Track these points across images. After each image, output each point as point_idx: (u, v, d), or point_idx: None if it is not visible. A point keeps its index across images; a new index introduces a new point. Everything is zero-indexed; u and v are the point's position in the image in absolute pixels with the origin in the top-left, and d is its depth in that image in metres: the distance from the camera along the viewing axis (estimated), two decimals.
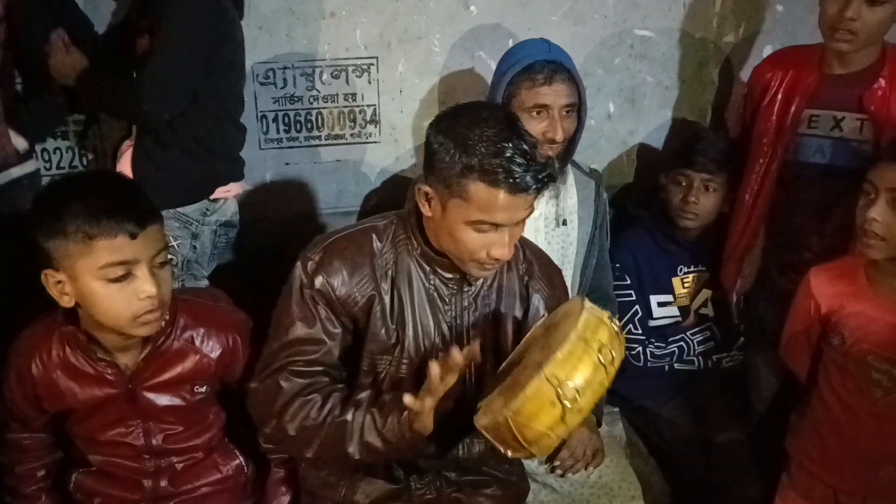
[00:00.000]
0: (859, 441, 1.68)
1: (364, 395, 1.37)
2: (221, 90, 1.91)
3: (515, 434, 1.16)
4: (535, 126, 1.72)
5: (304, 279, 1.38)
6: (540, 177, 1.26)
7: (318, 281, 1.36)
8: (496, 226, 1.29)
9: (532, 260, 1.52)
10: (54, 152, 2.13)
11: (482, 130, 1.26)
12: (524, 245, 1.53)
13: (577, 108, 1.78)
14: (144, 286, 1.29)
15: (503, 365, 1.39)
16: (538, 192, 1.28)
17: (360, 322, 1.40)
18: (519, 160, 1.24)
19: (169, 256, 1.83)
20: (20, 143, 1.86)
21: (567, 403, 1.12)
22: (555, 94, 1.72)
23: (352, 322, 1.40)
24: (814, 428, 1.77)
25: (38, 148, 2.03)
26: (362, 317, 1.39)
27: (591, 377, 1.14)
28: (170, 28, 1.75)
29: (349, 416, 1.33)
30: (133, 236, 1.27)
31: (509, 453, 1.21)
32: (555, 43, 1.81)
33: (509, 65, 1.76)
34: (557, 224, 1.88)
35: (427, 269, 1.41)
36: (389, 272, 1.40)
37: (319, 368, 1.38)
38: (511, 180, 1.24)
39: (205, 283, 2.03)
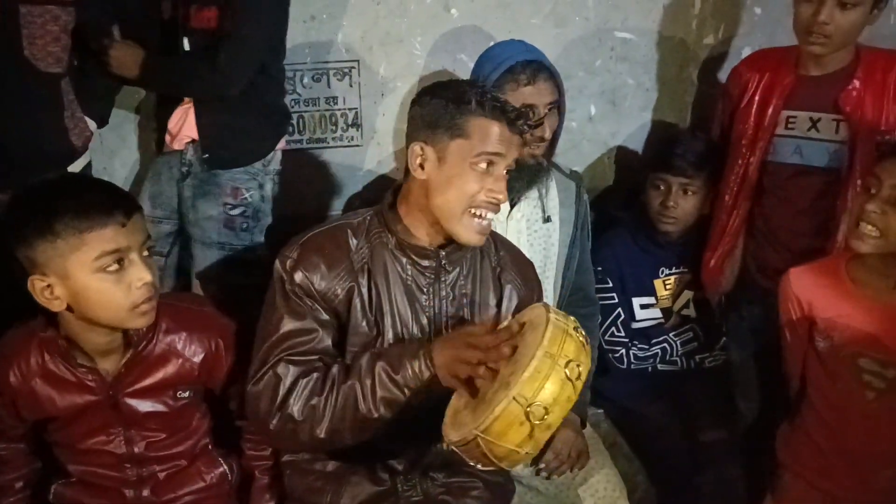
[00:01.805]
0: (855, 445, 1.67)
1: (364, 358, 1.37)
2: (282, 57, 2.00)
3: (485, 451, 1.17)
4: None
5: (284, 276, 1.39)
6: (527, 119, 1.41)
7: (298, 276, 1.38)
8: (494, 161, 1.37)
9: (504, 253, 1.54)
10: None
11: (470, 87, 1.41)
12: (496, 238, 1.56)
13: (557, 105, 1.79)
14: (140, 273, 1.31)
15: None
16: (524, 133, 1.42)
17: (342, 316, 1.42)
18: (507, 103, 1.40)
19: (242, 209, 1.95)
20: (92, 125, 1.93)
21: (536, 422, 1.14)
22: (539, 94, 1.74)
23: (334, 317, 1.41)
24: (806, 435, 1.76)
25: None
26: (343, 311, 1.41)
27: (559, 394, 1.15)
28: (252, 4, 1.81)
29: (355, 379, 1.33)
30: (123, 225, 1.29)
31: (479, 466, 1.22)
32: (529, 43, 1.84)
33: (490, 68, 1.77)
34: (544, 220, 1.89)
35: (403, 260, 1.43)
36: (366, 266, 1.42)
37: (314, 357, 1.38)
38: (506, 114, 1.37)
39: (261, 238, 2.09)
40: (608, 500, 1.78)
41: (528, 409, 1.13)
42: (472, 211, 1.37)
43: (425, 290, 1.44)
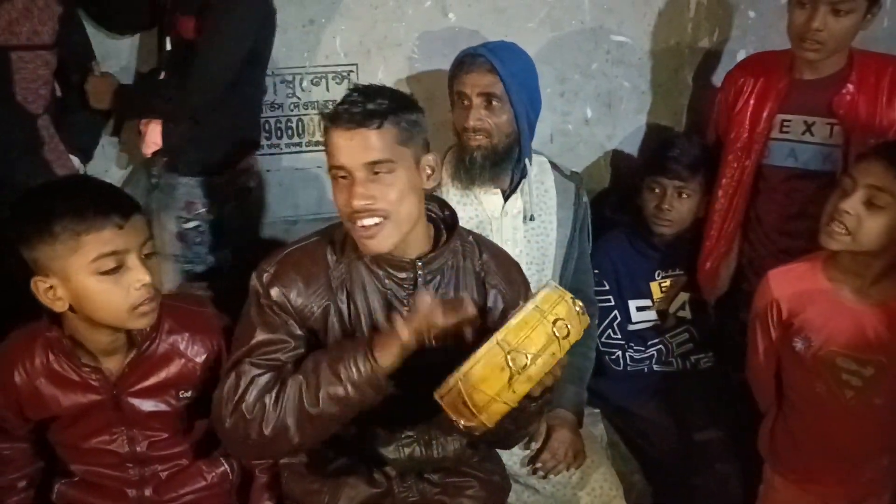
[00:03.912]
0: (840, 443, 1.68)
1: (312, 354, 1.34)
2: (261, 80, 2.00)
3: (465, 398, 1.15)
4: (460, 114, 1.79)
5: (260, 290, 1.38)
6: (362, 106, 1.28)
7: (275, 292, 1.36)
8: (346, 172, 1.31)
9: (487, 257, 1.50)
10: None
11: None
12: (480, 243, 1.52)
13: (511, 103, 1.78)
14: (138, 275, 1.31)
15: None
16: (356, 121, 1.28)
17: (319, 333, 1.40)
18: (352, 98, 1.30)
19: (196, 223, 1.92)
20: (75, 161, 1.95)
21: (515, 368, 1.13)
22: (471, 82, 1.76)
23: (309, 333, 1.40)
24: (790, 437, 1.77)
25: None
26: (319, 328, 1.39)
27: (543, 347, 1.14)
28: (222, 19, 1.80)
29: (301, 375, 1.30)
30: (120, 227, 1.29)
31: (462, 423, 1.19)
32: (510, 42, 1.89)
33: None
34: (524, 220, 1.89)
35: (380, 273, 1.40)
36: (344, 282, 1.39)
37: (279, 363, 1.35)
38: (336, 115, 1.30)
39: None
40: (605, 498, 1.80)
41: (510, 354, 1.13)
42: (354, 224, 1.33)
43: (405, 301, 1.39)
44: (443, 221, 1.49)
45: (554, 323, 1.16)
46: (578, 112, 2.42)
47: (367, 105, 1.29)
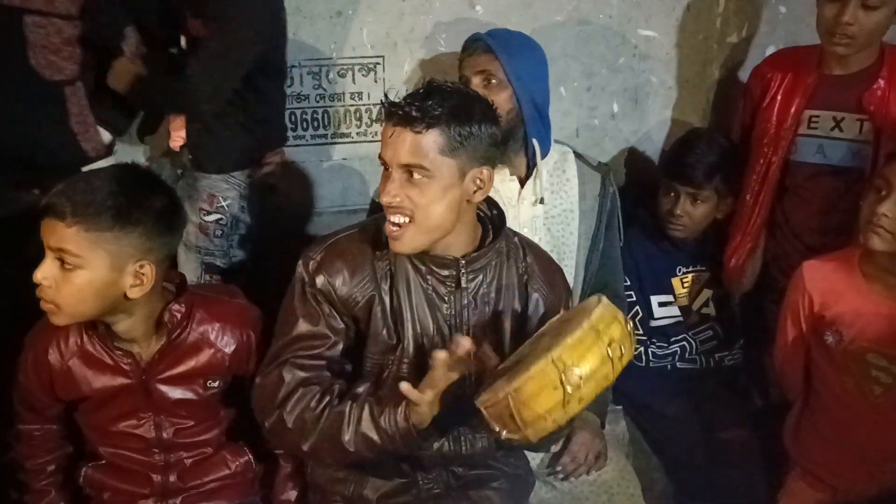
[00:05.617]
0: (862, 440, 1.68)
1: (363, 387, 1.38)
2: (279, 76, 2.01)
3: (513, 412, 1.14)
4: None
5: (305, 278, 1.40)
6: (415, 107, 1.27)
7: (320, 280, 1.38)
8: (384, 164, 1.34)
9: (532, 261, 1.50)
10: None
11: None
12: (525, 245, 1.53)
13: (509, 80, 1.78)
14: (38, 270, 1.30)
15: (509, 358, 1.36)
16: (406, 119, 1.28)
17: (362, 322, 1.41)
18: (412, 95, 1.32)
19: (218, 217, 1.94)
20: (105, 136, 1.95)
21: (569, 389, 1.11)
22: (470, 64, 1.81)
23: (353, 322, 1.42)
24: (815, 431, 1.77)
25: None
26: (363, 317, 1.41)
27: (597, 368, 1.13)
28: (225, 19, 1.78)
29: (346, 407, 1.33)
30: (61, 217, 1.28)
31: (504, 433, 1.18)
32: (518, 31, 1.92)
33: None
34: (534, 203, 1.88)
35: (423, 269, 1.40)
36: (388, 274, 1.41)
37: (322, 362, 1.39)
38: (389, 109, 1.31)
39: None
40: (623, 496, 1.79)
41: (565, 374, 1.11)
42: (386, 217, 1.34)
43: (446, 298, 1.41)
44: (490, 221, 1.49)
45: (608, 344, 1.14)
46: (605, 107, 2.41)
47: (420, 107, 1.27)
